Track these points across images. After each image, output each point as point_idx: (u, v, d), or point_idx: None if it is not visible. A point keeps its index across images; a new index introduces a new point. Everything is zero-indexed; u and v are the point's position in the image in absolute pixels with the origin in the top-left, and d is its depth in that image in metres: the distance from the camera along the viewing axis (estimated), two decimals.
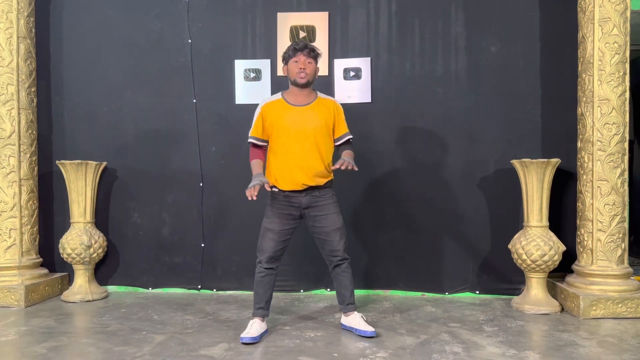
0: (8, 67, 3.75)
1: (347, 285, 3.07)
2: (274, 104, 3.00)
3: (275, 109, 2.98)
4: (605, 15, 3.38)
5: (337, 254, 3.04)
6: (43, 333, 3.06)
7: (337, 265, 3.06)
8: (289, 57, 2.99)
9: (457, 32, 3.95)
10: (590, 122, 3.45)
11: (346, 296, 3.08)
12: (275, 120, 2.95)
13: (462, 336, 2.99)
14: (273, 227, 2.96)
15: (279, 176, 2.95)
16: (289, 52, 2.99)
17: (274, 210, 2.98)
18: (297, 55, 2.95)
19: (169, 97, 4.11)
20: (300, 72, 2.94)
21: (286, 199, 2.96)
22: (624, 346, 2.81)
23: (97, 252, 3.91)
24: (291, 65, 2.98)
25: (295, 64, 2.96)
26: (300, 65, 2.94)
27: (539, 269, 3.50)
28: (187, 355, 2.68)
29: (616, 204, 3.41)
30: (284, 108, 2.98)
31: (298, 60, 2.95)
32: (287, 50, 3.02)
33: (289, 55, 2.99)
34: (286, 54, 3.01)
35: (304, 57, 2.95)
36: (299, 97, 3.00)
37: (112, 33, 4.14)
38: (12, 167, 3.76)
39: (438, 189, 3.96)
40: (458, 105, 3.94)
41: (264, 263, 2.97)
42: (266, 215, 3.02)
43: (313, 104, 3.01)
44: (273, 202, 3.00)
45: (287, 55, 3.01)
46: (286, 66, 3.02)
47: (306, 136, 2.94)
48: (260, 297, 2.99)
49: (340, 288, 3.09)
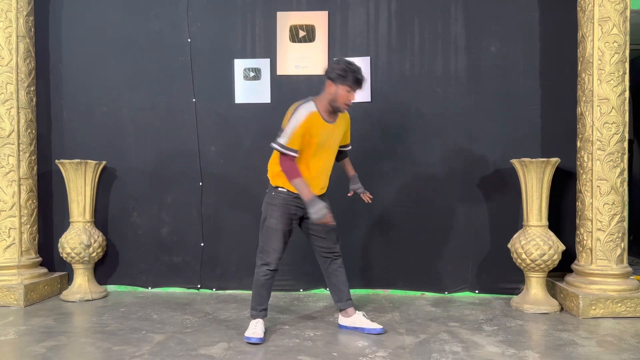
0: (7, 66, 3.74)
1: (345, 280, 3.12)
2: (314, 117, 2.86)
3: (315, 123, 2.86)
4: (604, 15, 3.38)
5: (334, 250, 3.09)
6: (42, 332, 3.05)
7: (333, 260, 3.09)
8: (345, 81, 2.84)
9: (457, 32, 3.94)
10: (590, 121, 3.45)
11: (344, 292, 3.11)
12: (314, 136, 2.87)
13: (462, 335, 2.99)
14: (281, 227, 2.93)
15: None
16: (348, 79, 2.83)
17: (283, 211, 2.93)
18: (355, 87, 2.87)
19: (168, 96, 4.10)
20: (349, 103, 2.90)
21: (295, 201, 2.94)
22: (623, 345, 2.81)
23: (97, 251, 3.91)
24: (342, 92, 2.85)
25: (347, 93, 2.87)
26: (351, 98, 2.89)
27: (539, 269, 3.50)
28: (186, 355, 2.68)
29: (615, 203, 3.41)
30: (320, 124, 2.89)
31: (351, 92, 2.88)
32: (345, 72, 2.83)
33: (346, 79, 2.83)
34: (343, 75, 2.83)
35: (355, 92, 2.90)
36: (331, 115, 2.95)
37: (111, 32, 4.13)
38: (12, 166, 3.76)
39: (437, 189, 3.96)
40: (458, 105, 3.94)
41: (272, 265, 2.93)
42: (272, 217, 2.94)
43: (338, 120, 2.99)
44: (279, 201, 2.94)
45: (343, 77, 2.83)
46: (334, 85, 2.85)
47: (330, 153, 3.01)
48: (264, 299, 2.98)
49: (338, 284, 3.10)
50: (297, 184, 2.81)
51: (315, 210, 2.76)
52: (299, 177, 2.81)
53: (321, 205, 2.77)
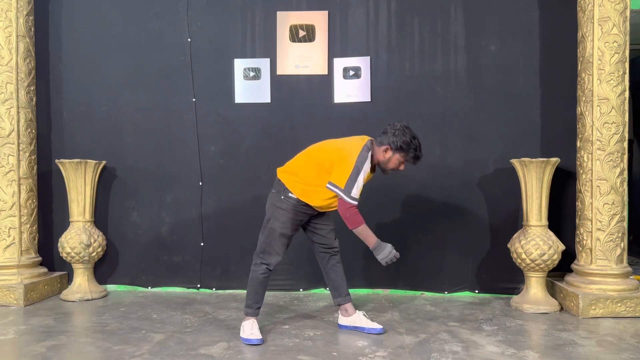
0: (7, 65, 3.74)
1: (343, 276, 3.15)
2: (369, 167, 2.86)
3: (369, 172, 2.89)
4: (604, 15, 3.38)
5: (334, 245, 3.13)
6: (42, 332, 3.05)
7: (333, 255, 3.12)
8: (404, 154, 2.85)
9: (457, 31, 3.94)
10: (590, 121, 3.45)
11: (343, 287, 3.13)
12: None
13: (462, 335, 2.99)
14: (287, 232, 2.92)
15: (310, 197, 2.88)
16: (410, 155, 2.85)
17: (290, 217, 2.90)
18: (408, 160, 2.88)
19: (168, 96, 4.10)
20: (396, 171, 2.94)
21: (304, 208, 2.93)
22: (622, 345, 2.81)
23: (97, 251, 3.91)
24: (396, 161, 2.87)
25: (401, 164, 2.89)
26: (401, 168, 2.92)
27: (538, 268, 3.51)
28: (186, 354, 2.68)
29: (615, 203, 3.41)
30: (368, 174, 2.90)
31: (403, 164, 2.90)
32: (407, 146, 2.82)
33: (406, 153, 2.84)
34: (405, 148, 2.83)
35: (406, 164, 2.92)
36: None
37: (111, 32, 4.13)
38: (12, 165, 3.76)
39: (437, 188, 3.96)
40: (457, 105, 3.94)
41: (272, 266, 2.93)
42: (278, 220, 2.90)
43: None
44: (288, 207, 2.89)
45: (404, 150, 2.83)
46: (393, 152, 2.85)
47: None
48: (260, 297, 2.97)
49: (337, 279, 3.12)
50: (361, 231, 2.79)
51: (383, 255, 2.78)
52: (362, 224, 2.78)
53: (388, 249, 2.78)
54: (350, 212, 2.75)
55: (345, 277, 3.16)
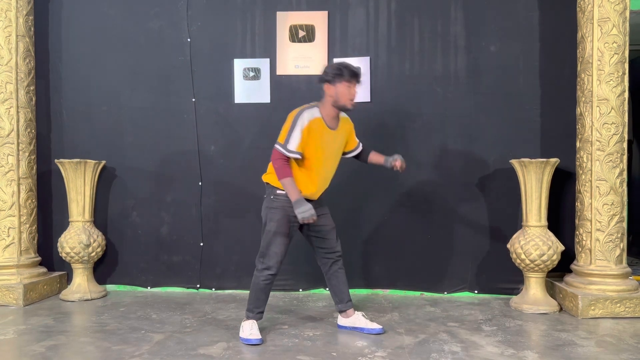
0: (7, 65, 3.74)
1: (345, 281, 3.12)
2: (317, 122, 2.87)
3: (318, 128, 2.86)
4: (604, 15, 3.38)
5: (336, 250, 3.08)
6: (41, 332, 3.05)
7: (335, 261, 3.08)
8: (342, 78, 2.84)
9: (457, 32, 3.95)
10: (589, 122, 3.45)
11: (345, 293, 3.10)
12: (316, 140, 2.87)
13: (461, 335, 2.99)
14: (283, 230, 2.91)
15: (303, 189, 2.89)
16: (344, 74, 2.84)
17: (282, 214, 2.90)
18: (352, 81, 2.87)
19: (168, 96, 4.10)
20: (352, 98, 2.88)
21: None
22: (622, 346, 2.81)
23: (96, 251, 3.91)
24: (342, 89, 2.85)
25: (348, 88, 2.86)
26: (353, 92, 2.88)
27: (538, 269, 3.51)
28: (185, 355, 2.68)
29: (615, 203, 3.41)
30: (323, 130, 2.89)
31: (351, 86, 2.87)
32: (339, 70, 2.85)
33: (342, 76, 2.84)
34: (338, 73, 2.84)
35: (355, 85, 2.89)
36: (333, 121, 2.95)
37: (111, 32, 4.13)
38: (11, 165, 3.76)
39: (437, 189, 3.96)
40: (457, 105, 3.94)
41: (272, 269, 2.90)
42: (272, 220, 2.92)
43: (340, 127, 2.99)
44: (279, 204, 2.91)
45: (339, 75, 2.84)
46: (332, 85, 2.86)
47: (332, 159, 3.00)
48: (262, 302, 2.96)
49: (339, 285, 3.10)
50: (286, 183, 2.82)
51: (301, 210, 2.76)
52: (289, 176, 2.81)
53: (308, 207, 2.77)
54: (279, 163, 2.82)
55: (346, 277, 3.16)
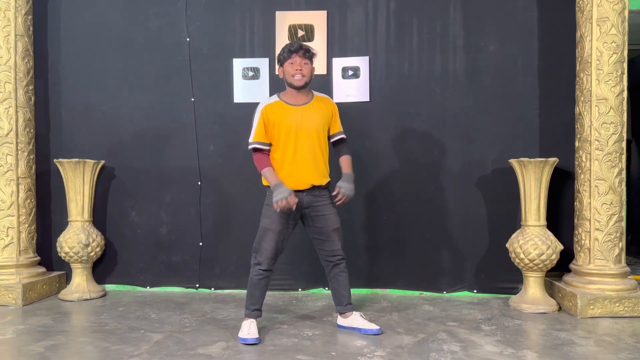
0: (6, 65, 3.74)
1: (346, 285, 3.09)
2: (273, 106, 2.94)
3: (276, 110, 2.93)
4: (603, 15, 3.38)
5: (337, 253, 3.04)
6: (40, 332, 3.05)
7: (336, 264, 3.06)
8: (284, 58, 2.94)
9: (455, 32, 3.95)
10: (588, 121, 3.45)
11: (345, 296, 3.09)
12: (278, 122, 2.90)
13: (460, 335, 3.00)
14: (274, 227, 2.92)
15: (286, 176, 2.90)
16: (284, 54, 2.94)
17: (278, 211, 2.90)
18: (293, 56, 2.91)
19: (167, 95, 4.10)
20: (296, 73, 2.90)
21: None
22: (621, 345, 2.81)
23: (95, 250, 3.90)
24: (287, 67, 2.93)
25: (291, 65, 2.91)
26: (296, 67, 2.90)
27: (537, 268, 3.51)
28: (184, 354, 2.68)
29: (614, 203, 3.41)
30: (284, 109, 2.94)
31: (294, 62, 2.91)
32: (281, 51, 2.97)
33: (284, 57, 2.95)
34: (281, 55, 2.97)
35: (299, 59, 2.91)
36: (297, 98, 2.97)
37: (110, 31, 4.13)
38: (10, 165, 3.75)
39: (436, 188, 3.97)
40: (456, 105, 3.95)
41: (263, 265, 2.92)
42: (265, 216, 2.96)
43: (312, 102, 2.99)
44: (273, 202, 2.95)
45: (282, 57, 2.96)
46: (282, 68, 2.97)
47: (310, 135, 2.93)
48: (257, 299, 2.97)
49: (339, 288, 3.09)
50: (265, 173, 2.91)
51: (276, 194, 2.80)
52: (267, 167, 2.91)
53: (283, 191, 2.80)
54: (255, 158, 2.95)
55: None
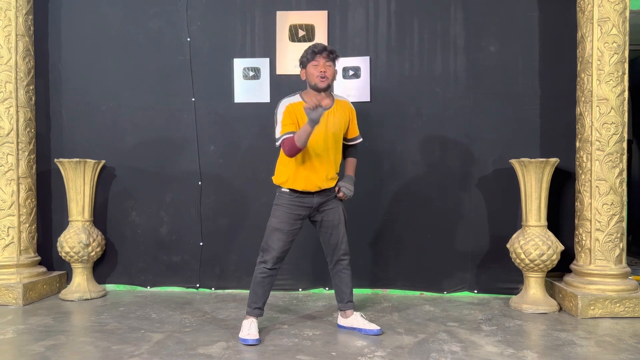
0: (6, 65, 3.74)
1: (348, 282, 3.10)
2: (297, 106, 2.87)
3: (299, 111, 2.85)
4: (604, 15, 3.38)
5: (342, 247, 3.06)
6: (41, 331, 3.05)
7: (339, 260, 3.07)
8: (308, 60, 2.90)
9: (456, 32, 3.95)
10: (589, 121, 3.45)
11: (346, 294, 3.09)
12: (300, 123, 2.86)
13: (460, 335, 2.99)
14: (282, 227, 2.92)
15: (295, 177, 2.90)
16: (307, 56, 2.90)
17: (284, 210, 2.92)
18: (317, 58, 2.87)
19: (167, 95, 4.10)
20: (320, 75, 2.87)
21: (297, 199, 2.93)
22: (621, 346, 2.81)
23: (96, 250, 3.90)
24: (311, 69, 2.89)
25: (315, 67, 2.88)
26: (320, 69, 2.87)
27: (537, 269, 3.51)
28: (185, 354, 2.68)
29: (614, 203, 3.41)
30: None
31: (318, 64, 2.87)
32: (304, 53, 2.92)
33: (307, 58, 2.90)
34: (304, 57, 2.92)
35: (323, 60, 2.87)
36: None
37: (110, 31, 4.13)
38: (10, 165, 3.75)
39: (436, 188, 3.97)
40: (457, 105, 3.94)
41: (269, 263, 2.92)
42: (274, 215, 2.95)
43: (333, 107, 2.95)
44: (283, 201, 2.94)
45: (305, 58, 2.92)
46: (304, 70, 2.93)
47: (326, 141, 2.93)
48: (259, 297, 2.97)
49: (341, 285, 3.09)
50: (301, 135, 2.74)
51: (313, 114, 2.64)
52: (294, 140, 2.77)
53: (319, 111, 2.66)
54: (284, 145, 2.83)
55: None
